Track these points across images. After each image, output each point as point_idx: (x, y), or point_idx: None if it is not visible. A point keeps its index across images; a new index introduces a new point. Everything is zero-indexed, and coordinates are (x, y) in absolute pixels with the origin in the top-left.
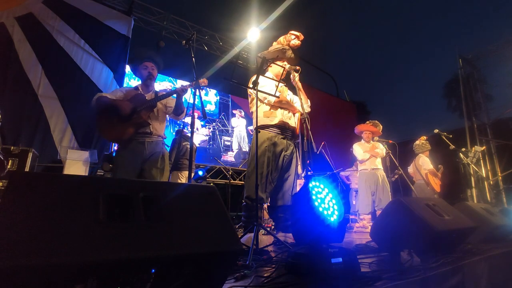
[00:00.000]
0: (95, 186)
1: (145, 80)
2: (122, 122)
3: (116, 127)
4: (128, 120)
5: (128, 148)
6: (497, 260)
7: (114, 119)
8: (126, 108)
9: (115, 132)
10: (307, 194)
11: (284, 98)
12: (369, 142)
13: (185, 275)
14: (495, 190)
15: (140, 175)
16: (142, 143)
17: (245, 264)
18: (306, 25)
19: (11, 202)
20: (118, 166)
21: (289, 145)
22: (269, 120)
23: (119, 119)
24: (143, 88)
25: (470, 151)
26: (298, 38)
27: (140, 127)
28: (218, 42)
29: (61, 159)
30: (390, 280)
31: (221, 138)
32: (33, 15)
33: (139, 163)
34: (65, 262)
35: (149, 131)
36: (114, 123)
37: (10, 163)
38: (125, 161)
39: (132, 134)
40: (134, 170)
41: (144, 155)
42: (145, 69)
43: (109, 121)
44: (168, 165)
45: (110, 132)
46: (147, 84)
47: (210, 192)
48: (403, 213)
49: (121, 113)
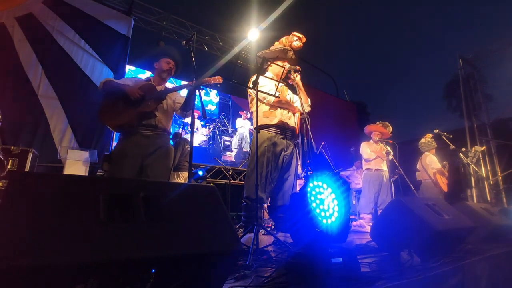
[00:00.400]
0: (95, 186)
1: (162, 73)
2: (128, 108)
3: (122, 113)
4: (135, 107)
5: (131, 140)
6: (497, 260)
7: (120, 104)
8: (135, 94)
9: (119, 118)
10: (304, 196)
11: (283, 98)
12: (377, 143)
13: (185, 275)
14: (495, 190)
15: (142, 170)
16: (147, 136)
17: (245, 264)
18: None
19: (11, 202)
20: (118, 158)
21: (289, 145)
22: (269, 120)
23: (126, 104)
24: (155, 81)
25: (470, 151)
26: (300, 40)
27: (145, 117)
28: (218, 42)
29: (61, 159)
30: (390, 280)
31: (221, 138)
32: (33, 15)
33: (141, 157)
34: (65, 262)
35: (154, 124)
36: (119, 109)
37: (10, 163)
38: (127, 154)
39: (136, 123)
40: (135, 164)
41: (148, 149)
42: (167, 64)
43: (114, 105)
44: (172, 161)
45: (114, 118)
46: (163, 78)
47: (210, 192)
48: (403, 213)
49: (129, 99)
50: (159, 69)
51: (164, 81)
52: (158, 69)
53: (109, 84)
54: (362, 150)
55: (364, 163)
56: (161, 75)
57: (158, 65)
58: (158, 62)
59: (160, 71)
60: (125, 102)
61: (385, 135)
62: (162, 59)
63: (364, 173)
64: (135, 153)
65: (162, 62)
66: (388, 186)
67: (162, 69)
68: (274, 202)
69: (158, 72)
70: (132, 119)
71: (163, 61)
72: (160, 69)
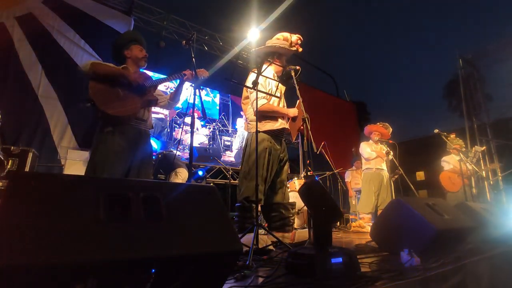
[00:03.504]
0: (95, 186)
1: (139, 61)
2: (134, 96)
3: (127, 101)
4: (140, 95)
5: (121, 131)
6: (498, 260)
7: (119, 92)
8: (138, 80)
9: (126, 107)
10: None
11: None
12: (377, 144)
13: (185, 275)
14: (495, 190)
15: (131, 168)
16: (138, 130)
17: (245, 264)
18: (307, 25)
19: (11, 202)
20: (108, 151)
21: (284, 146)
22: (271, 126)
23: (128, 91)
24: (132, 69)
25: (470, 151)
26: (301, 45)
27: (146, 106)
28: (218, 42)
29: (61, 159)
30: (390, 280)
31: (221, 138)
32: (33, 15)
33: (132, 152)
34: (65, 262)
35: (145, 117)
36: (120, 96)
37: (10, 163)
38: (118, 148)
39: (138, 112)
40: (125, 160)
41: (138, 145)
42: (141, 51)
43: (113, 92)
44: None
45: (119, 107)
46: (140, 66)
47: (210, 192)
48: (403, 213)
49: (132, 86)
50: (133, 57)
51: (139, 70)
52: (132, 57)
53: (99, 67)
54: (362, 150)
55: (364, 163)
56: (138, 63)
57: (131, 53)
58: (130, 50)
59: (136, 59)
60: (126, 89)
61: (385, 136)
62: (133, 46)
63: (364, 172)
64: (126, 147)
65: (135, 49)
66: (388, 186)
67: (137, 56)
68: (266, 202)
69: (134, 60)
70: (137, 108)
71: (135, 48)
72: (135, 57)
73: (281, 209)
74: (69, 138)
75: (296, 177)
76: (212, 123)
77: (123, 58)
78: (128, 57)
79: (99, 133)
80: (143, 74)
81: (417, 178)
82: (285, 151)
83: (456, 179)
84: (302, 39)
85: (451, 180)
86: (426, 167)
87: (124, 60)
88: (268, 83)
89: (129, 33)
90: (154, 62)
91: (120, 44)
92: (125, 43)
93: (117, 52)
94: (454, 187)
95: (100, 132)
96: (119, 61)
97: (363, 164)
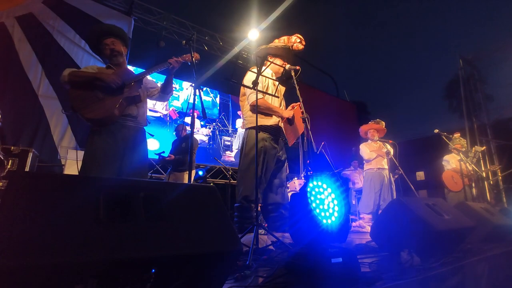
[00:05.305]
0: (95, 186)
1: (111, 59)
2: (112, 97)
3: (104, 102)
4: (118, 94)
5: (110, 131)
6: (497, 260)
7: (98, 95)
8: (115, 80)
9: (104, 109)
10: (304, 196)
11: (267, 104)
12: (376, 142)
13: (185, 275)
14: (495, 190)
15: (122, 166)
16: (127, 127)
17: (245, 264)
18: (307, 25)
19: (11, 202)
20: (96, 151)
21: (282, 146)
22: (266, 121)
23: (106, 94)
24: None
25: (470, 151)
26: (301, 43)
27: (129, 104)
28: (218, 42)
29: (61, 159)
30: (390, 280)
31: (221, 138)
32: (33, 15)
33: (121, 150)
34: (65, 262)
35: (134, 114)
36: (99, 99)
37: (10, 163)
38: (105, 146)
39: (120, 112)
40: (115, 158)
41: (128, 142)
42: (105, 48)
43: (91, 97)
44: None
45: (97, 110)
46: (116, 63)
47: (210, 192)
48: (403, 213)
49: (109, 87)
50: (107, 59)
51: (121, 66)
52: (107, 59)
53: (76, 74)
54: (362, 151)
55: (365, 163)
56: (112, 61)
57: (103, 55)
58: (101, 52)
59: (109, 60)
60: (104, 91)
61: (381, 131)
62: (104, 41)
63: (366, 172)
64: (114, 145)
65: (101, 50)
66: (390, 185)
67: (107, 56)
68: (265, 202)
69: (109, 61)
70: (118, 108)
71: (101, 49)
72: (107, 58)
73: (281, 209)
74: (69, 138)
75: (296, 177)
76: (212, 123)
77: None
78: (106, 58)
79: (88, 135)
80: (123, 71)
81: (417, 178)
82: (283, 151)
83: (458, 178)
84: (301, 37)
85: (453, 179)
86: (426, 167)
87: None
88: (264, 79)
89: (94, 28)
90: (154, 62)
91: (92, 44)
92: (94, 41)
93: (97, 52)
94: (456, 186)
95: (89, 133)
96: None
97: (364, 164)
